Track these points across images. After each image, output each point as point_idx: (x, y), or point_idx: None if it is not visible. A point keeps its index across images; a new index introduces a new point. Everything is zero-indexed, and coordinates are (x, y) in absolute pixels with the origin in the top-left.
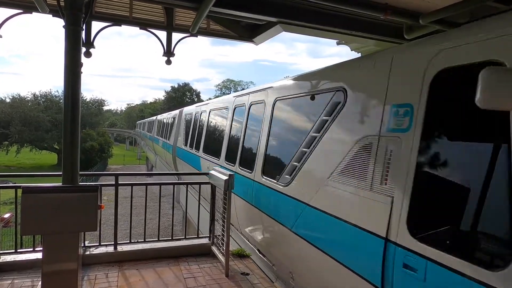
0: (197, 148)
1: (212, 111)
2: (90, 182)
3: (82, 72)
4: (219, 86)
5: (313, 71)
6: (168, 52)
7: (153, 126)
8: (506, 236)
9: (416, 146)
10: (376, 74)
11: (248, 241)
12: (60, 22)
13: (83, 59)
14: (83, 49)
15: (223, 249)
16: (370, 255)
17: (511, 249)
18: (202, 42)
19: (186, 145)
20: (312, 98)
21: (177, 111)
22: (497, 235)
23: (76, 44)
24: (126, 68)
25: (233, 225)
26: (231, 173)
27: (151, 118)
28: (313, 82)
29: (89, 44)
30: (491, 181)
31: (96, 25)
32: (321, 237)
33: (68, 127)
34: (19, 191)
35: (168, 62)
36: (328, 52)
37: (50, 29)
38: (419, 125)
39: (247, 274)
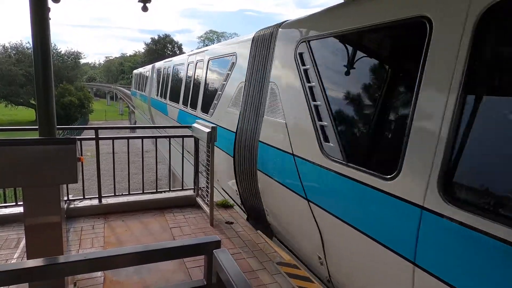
0: None
1: None
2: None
3: (50, 19)
4: (201, 38)
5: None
6: None
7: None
8: None
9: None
10: None
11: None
12: None
13: (51, 3)
14: None
15: (207, 200)
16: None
17: None
18: None
19: None
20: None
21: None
22: None
23: None
24: (103, 17)
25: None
26: (213, 125)
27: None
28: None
29: None
30: None
31: None
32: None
33: (40, 77)
34: None
35: (144, 8)
36: (317, 2)
37: None
38: None
39: (231, 223)
